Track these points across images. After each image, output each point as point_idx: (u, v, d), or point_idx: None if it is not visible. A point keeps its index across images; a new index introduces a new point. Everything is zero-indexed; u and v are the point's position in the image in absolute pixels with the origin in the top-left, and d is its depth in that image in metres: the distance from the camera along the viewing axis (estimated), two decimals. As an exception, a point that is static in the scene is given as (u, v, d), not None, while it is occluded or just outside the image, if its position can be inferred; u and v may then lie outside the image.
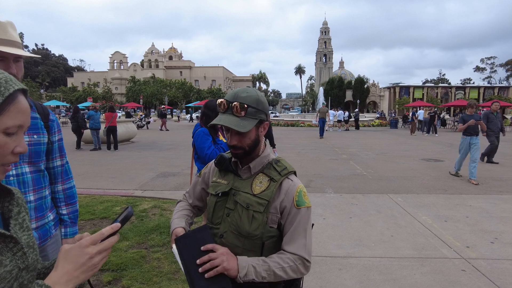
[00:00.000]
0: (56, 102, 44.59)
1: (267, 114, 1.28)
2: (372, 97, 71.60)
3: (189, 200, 1.52)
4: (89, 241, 0.75)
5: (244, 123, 1.19)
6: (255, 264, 1.17)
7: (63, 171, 1.70)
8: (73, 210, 1.74)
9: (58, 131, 1.67)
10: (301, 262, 1.21)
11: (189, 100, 59.98)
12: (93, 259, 0.74)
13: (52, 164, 1.65)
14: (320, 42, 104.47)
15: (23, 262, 0.72)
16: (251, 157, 1.30)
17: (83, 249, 0.74)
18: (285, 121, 30.41)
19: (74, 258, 0.73)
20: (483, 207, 5.47)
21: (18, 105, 0.71)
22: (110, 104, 14.72)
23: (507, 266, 3.45)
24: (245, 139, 1.23)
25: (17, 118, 0.70)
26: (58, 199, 1.70)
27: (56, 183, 1.68)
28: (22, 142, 0.74)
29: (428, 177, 7.88)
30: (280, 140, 16.68)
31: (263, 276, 1.16)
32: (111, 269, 3.22)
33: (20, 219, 0.78)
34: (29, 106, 0.74)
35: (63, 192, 1.70)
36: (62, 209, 1.70)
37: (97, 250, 0.75)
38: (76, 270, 0.72)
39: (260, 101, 1.24)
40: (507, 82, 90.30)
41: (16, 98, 0.70)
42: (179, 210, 1.47)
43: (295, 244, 1.22)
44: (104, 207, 5.16)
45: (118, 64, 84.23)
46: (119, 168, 8.85)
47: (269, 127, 1.37)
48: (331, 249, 3.88)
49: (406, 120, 29.83)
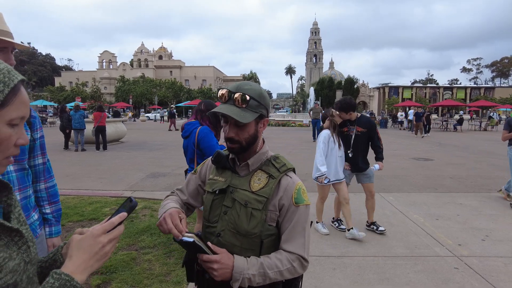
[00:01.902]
0: (43, 102, 43.69)
1: (268, 110, 1.25)
2: (362, 97, 72.33)
3: (181, 196, 1.42)
4: (101, 230, 0.76)
5: (245, 114, 1.15)
6: (250, 275, 1.12)
7: (45, 170, 1.67)
8: (56, 209, 1.71)
9: (39, 128, 1.62)
10: (299, 263, 1.19)
11: (179, 100, 59.55)
12: (105, 247, 0.75)
13: (34, 162, 1.61)
14: (311, 43, 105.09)
15: (28, 255, 0.74)
16: (248, 153, 1.25)
17: (96, 238, 0.75)
18: (276, 121, 30.45)
19: (88, 247, 0.74)
20: (473, 205, 5.53)
21: (21, 96, 0.70)
22: (98, 104, 14.45)
23: (498, 263, 3.48)
24: (243, 133, 1.19)
25: (20, 109, 0.70)
26: (41, 198, 1.66)
27: (39, 181, 1.64)
28: (23, 133, 0.73)
29: (419, 176, 7.95)
30: (271, 139, 16.67)
31: (258, 282, 1.14)
32: (100, 272, 3.12)
33: (17, 213, 0.78)
34: (28, 97, 0.73)
35: (45, 190, 1.66)
36: (46, 208, 1.66)
37: (109, 239, 0.76)
38: (91, 259, 0.73)
39: (262, 95, 1.21)
40: (493, 82, 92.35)
41: (19, 89, 0.70)
42: (171, 200, 1.35)
43: (293, 243, 1.19)
44: (93, 208, 5.05)
45: (107, 63, 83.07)
46: (108, 169, 8.69)
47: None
48: (325, 249, 3.86)
49: (395, 120, 30.20)
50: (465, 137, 19.06)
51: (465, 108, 47.47)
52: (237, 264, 1.11)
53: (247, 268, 1.12)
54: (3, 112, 0.67)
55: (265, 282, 1.15)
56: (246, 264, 1.13)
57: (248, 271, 1.11)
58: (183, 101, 55.67)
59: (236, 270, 1.10)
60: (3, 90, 0.66)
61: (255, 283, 1.13)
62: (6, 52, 1.36)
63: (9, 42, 1.36)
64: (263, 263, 1.14)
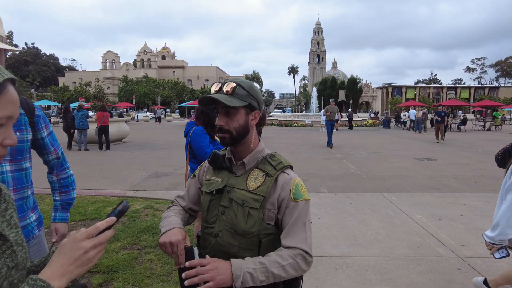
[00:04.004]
0: (47, 102, 43.96)
1: (259, 103, 1.26)
2: (365, 97, 72.16)
3: (181, 204, 1.40)
4: (84, 235, 0.73)
5: (232, 99, 1.18)
6: (251, 269, 1.08)
7: (59, 163, 1.77)
8: (66, 198, 1.81)
9: (45, 126, 1.64)
10: (301, 258, 1.15)
11: (182, 100, 59.68)
12: (88, 253, 0.72)
13: (48, 158, 1.71)
14: (313, 43, 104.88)
15: (12, 260, 0.71)
16: (244, 150, 1.26)
17: (77, 243, 0.72)
18: (278, 121, 30.44)
19: (68, 252, 0.71)
20: (477, 206, 5.49)
21: (7, 95, 0.68)
22: (101, 104, 14.50)
23: (502, 264, 3.44)
24: (232, 122, 1.20)
25: (7, 108, 0.68)
26: (53, 187, 1.80)
27: (52, 173, 1.77)
28: (11, 134, 0.71)
29: (422, 176, 7.91)
30: (273, 139, 16.67)
31: (261, 279, 1.09)
32: (102, 271, 3.13)
33: (8, 216, 0.76)
34: (18, 96, 0.71)
35: (58, 181, 1.79)
36: (56, 195, 1.79)
37: (92, 244, 0.72)
38: (70, 264, 0.70)
39: (252, 88, 1.23)
40: (497, 82, 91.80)
41: (5, 88, 0.68)
42: (173, 214, 1.32)
43: (295, 238, 1.16)
44: (95, 208, 5.06)
45: (110, 63, 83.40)
46: (111, 168, 8.72)
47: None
48: (327, 249, 3.84)
49: (398, 120, 30.07)
50: (469, 137, 18.96)
51: (469, 108, 47.22)
52: (235, 262, 1.09)
53: (246, 263, 1.09)
54: None
55: (269, 280, 1.10)
56: (244, 261, 1.10)
57: (247, 265, 1.08)
58: (186, 101, 55.80)
59: (235, 266, 1.07)
60: None
61: (258, 280, 1.07)
62: (0, 55, 1.38)
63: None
64: (262, 260, 1.11)
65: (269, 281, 1.11)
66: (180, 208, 1.38)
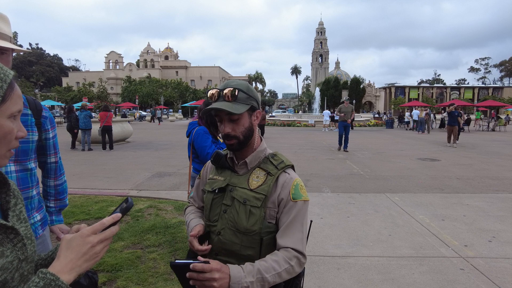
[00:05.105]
0: (51, 102, 44.22)
1: (258, 102, 1.28)
2: (368, 97, 71.92)
3: (195, 204, 1.48)
4: (91, 230, 0.75)
5: (236, 106, 1.19)
6: (248, 283, 1.06)
7: (57, 168, 1.75)
8: (61, 205, 1.80)
9: (52, 128, 1.66)
10: (296, 261, 1.16)
11: (185, 100, 59.80)
12: (95, 248, 0.74)
13: (48, 160, 1.70)
14: (316, 43, 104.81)
15: (22, 253, 0.74)
16: (247, 150, 1.27)
17: (85, 238, 0.74)
18: (281, 121, 30.42)
19: (76, 247, 0.73)
20: (480, 206, 5.48)
21: (16, 90, 0.74)
22: (104, 104, 14.57)
23: (505, 265, 3.44)
24: (238, 126, 1.21)
25: (18, 103, 0.73)
26: (49, 193, 1.76)
27: (49, 178, 1.74)
28: (22, 126, 0.76)
29: (425, 176, 7.89)
30: (276, 139, 16.67)
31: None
32: (105, 270, 3.16)
33: (17, 211, 0.79)
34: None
35: (54, 188, 1.76)
36: (50, 202, 1.77)
37: (99, 239, 0.75)
38: (79, 259, 0.72)
39: (250, 88, 1.25)
40: (501, 82, 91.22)
41: (14, 84, 0.73)
42: (191, 213, 1.42)
43: (291, 238, 1.18)
44: (99, 207, 5.09)
45: (113, 64, 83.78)
46: (114, 168, 8.76)
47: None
48: (329, 249, 3.85)
49: (402, 120, 29.97)
50: (473, 138, 18.86)
51: (472, 108, 46.95)
52: (233, 273, 1.06)
53: (244, 276, 1.07)
54: (4, 107, 0.70)
55: (264, 287, 1.11)
56: (242, 272, 1.08)
57: (245, 279, 1.07)
58: (189, 101, 55.93)
59: (234, 280, 1.05)
60: (2, 86, 0.69)
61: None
62: (8, 55, 1.40)
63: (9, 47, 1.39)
64: (259, 268, 1.10)
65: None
66: (194, 208, 1.47)
